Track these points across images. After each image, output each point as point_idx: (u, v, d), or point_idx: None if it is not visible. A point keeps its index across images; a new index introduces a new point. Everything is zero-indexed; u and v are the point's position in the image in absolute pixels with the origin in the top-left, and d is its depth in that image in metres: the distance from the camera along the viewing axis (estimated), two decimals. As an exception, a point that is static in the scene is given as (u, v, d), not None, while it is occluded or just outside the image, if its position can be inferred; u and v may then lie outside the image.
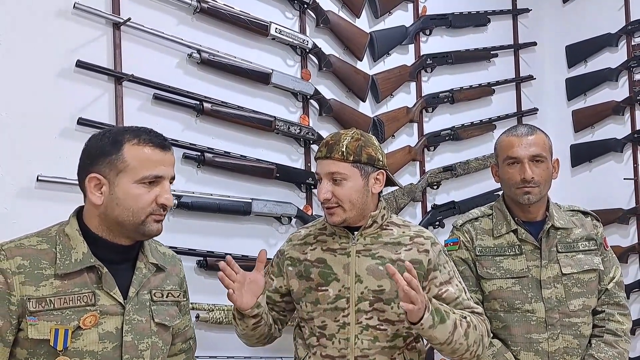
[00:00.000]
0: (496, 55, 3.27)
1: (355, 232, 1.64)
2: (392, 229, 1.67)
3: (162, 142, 1.38)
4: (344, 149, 1.59)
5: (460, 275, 1.89)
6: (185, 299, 1.54)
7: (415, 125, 2.99)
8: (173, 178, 1.41)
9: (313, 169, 2.42)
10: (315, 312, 1.61)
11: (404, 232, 1.67)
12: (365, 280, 1.59)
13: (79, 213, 1.39)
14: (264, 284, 1.54)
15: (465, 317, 1.59)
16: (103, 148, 1.34)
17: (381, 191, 1.69)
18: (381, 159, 1.65)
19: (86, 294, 1.30)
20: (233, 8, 2.27)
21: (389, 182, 1.72)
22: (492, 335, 1.86)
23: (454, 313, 1.56)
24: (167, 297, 1.45)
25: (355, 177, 1.59)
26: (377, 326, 1.58)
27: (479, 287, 1.89)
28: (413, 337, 1.64)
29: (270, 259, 1.80)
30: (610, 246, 2.01)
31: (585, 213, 1.97)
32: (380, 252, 1.62)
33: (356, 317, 1.58)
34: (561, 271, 1.84)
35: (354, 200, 1.59)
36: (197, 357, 1.68)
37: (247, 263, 2.24)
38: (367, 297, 1.58)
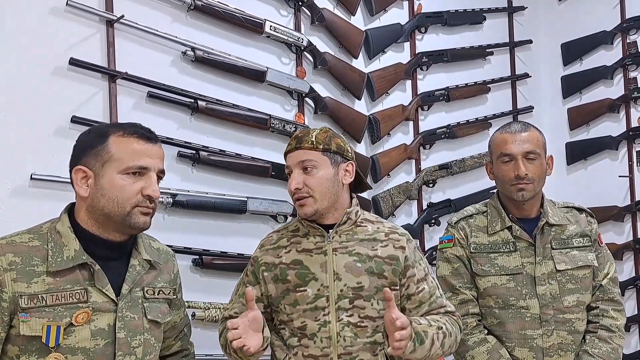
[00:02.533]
0: (492, 53, 3.28)
1: (330, 230, 1.62)
2: (366, 226, 1.66)
3: (147, 134, 1.38)
4: (313, 139, 1.60)
5: (455, 273, 1.91)
6: (176, 296, 1.53)
7: (411, 123, 2.99)
8: (162, 172, 1.41)
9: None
10: (295, 313, 1.58)
11: (378, 228, 1.67)
12: (344, 278, 1.58)
13: (70, 210, 1.39)
14: (261, 316, 1.51)
15: (441, 328, 1.59)
16: (89, 141, 1.36)
17: (351, 186, 1.68)
18: (350, 150, 1.66)
19: (78, 291, 1.30)
20: (227, 5, 2.26)
21: (360, 184, 1.72)
22: (486, 331, 1.87)
23: (430, 326, 1.56)
24: (158, 294, 1.44)
25: (325, 165, 1.59)
26: (358, 323, 1.57)
27: (474, 284, 1.89)
28: None
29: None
30: (605, 243, 2.01)
31: (579, 209, 1.97)
32: (356, 248, 1.61)
33: (337, 315, 1.56)
34: (555, 268, 1.84)
35: (325, 189, 1.58)
36: (192, 353, 1.68)
37: (243, 262, 2.25)
38: (347, 294, 1.57)
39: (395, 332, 1.43)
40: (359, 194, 2.69)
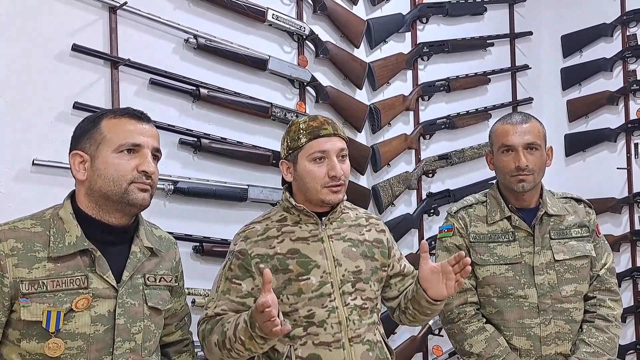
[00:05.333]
0: (492, 45, 3.28)
1: (324, 218, 1.64)
2: (348, 212, 1.72)
3: (138, 114, 1.41)
4: (341, 128, 1.65)
5: (454, 262, 1.93)
6: (177, 283, 1.55)
7: (412, 113, 2.99)
8: (158, 151, 1.42)
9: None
10: (300, 302, 1.57)
11: (357, 214, 1.73)
12: (344, 263, 1.61)
13: (73, 196, 1.40)
14: (277, 300, 1.42)
15: None
16: (84, 127, 1.39)
17: None
18: None
19: (79, 277, 1.31)
20: (230, -7, 2.26)
21: None
22: (485, 320, 1.89)
23: None
24: (159, 281, 1.45)
25: (347, 156, 1.66)
26: (362, 305, 1.60)
27: (473, 273, 1.91)
28: (379, 311, 1.69)
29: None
30: (603, 235, 2.02)
31: (578, 200, 1.99)
32: (348, 234, 1.66)
33: (343, 300, 1.58)
34: (554, 257, 1.86)
35: (348, 179, 1.65)
36: (192, 342, 1.69)
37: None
38: (349, 278, 1.60)
39: (464, 272, 1.51)
40: (359, 184, 2.72)
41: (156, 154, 1.41)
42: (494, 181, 2.02)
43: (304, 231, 1.62)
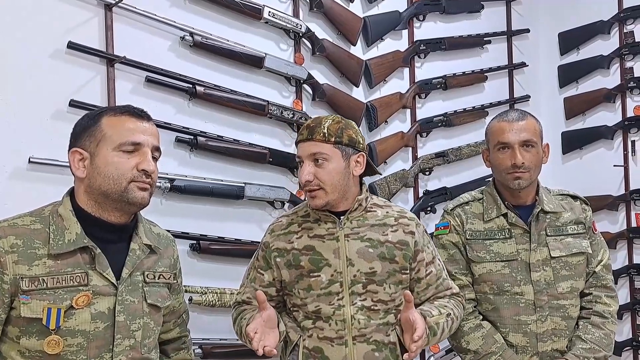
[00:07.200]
0: (489, 42, 3.28)
1: (342, 217, 1.64)
2: (375, 211, 1.68)
3: (138, 112, 1.41)
4: (325, 131, 1.59)
5: (451, 259, 1.92)
6: (176, 281, 1.55)
7: (408, 111, 2.99)
8: (158, 150, 1.42)
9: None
10: (309, 298, 1.61)
11: (387, 213, 1.69)
12: (357, 264, 1.60)
13: (72, 194, 1.40)
14: (275, 312, 1.57)
15: (449, 314, 1.65)
16: (83, 125, 1.39)
17: (362, 174, 1.69)
18: (361, 142, 1.65)
19: (79, 274, 1.31)
20: (226, -9, 2.26)
21: (369, 168, 1.71)
22: (481, 317, 1.90)
23: (440, 315, 1.62)
24: (158, 278, 1.46)
25: (337, 158, 1.59)
26: (372, 307, 1.60)
27: (469, 270, 1.91)
28: (399, 313, 1.67)
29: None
30: (600, 232, 2.02)
31: (574, 197, 1.99)
32: (367, 234, 1.63)
33: (350, 300, 1.59)
34: (550, 254, 1.86)
35: (336, 182, 1.59)
36: (190, 339, 1.69)
37: (240, 247, 2.26)
38: (360, 279, 1.60)
39: (412, 344, 1.49)
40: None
41: (155, 154, 1.41)
42: (491, 178, 2.02)
43: (322, 229, 1.64)
